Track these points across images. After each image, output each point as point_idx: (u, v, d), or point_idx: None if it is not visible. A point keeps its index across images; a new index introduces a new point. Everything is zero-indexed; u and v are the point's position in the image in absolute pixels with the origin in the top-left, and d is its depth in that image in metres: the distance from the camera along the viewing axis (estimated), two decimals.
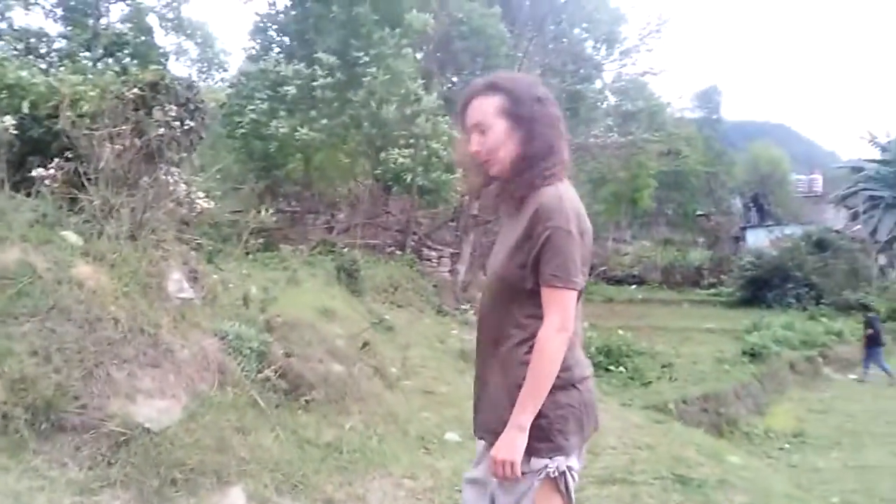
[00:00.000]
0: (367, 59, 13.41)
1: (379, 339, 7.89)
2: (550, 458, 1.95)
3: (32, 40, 22.81)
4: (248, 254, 10.82)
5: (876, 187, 29.51)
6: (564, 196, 2.00)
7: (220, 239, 10.58)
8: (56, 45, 22.96)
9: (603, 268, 27.09)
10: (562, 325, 1.93)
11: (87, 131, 4.04)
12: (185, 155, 4.42)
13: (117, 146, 4.10)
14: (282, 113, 14.04)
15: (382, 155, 14.67)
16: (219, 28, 60.54)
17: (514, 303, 2.03)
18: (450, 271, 18.66)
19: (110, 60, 19.70)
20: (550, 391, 1.93)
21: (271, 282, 6.75)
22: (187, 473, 3.19)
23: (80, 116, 4.25)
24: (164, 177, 4.18)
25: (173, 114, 4.16)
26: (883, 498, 7.88)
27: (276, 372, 4.55)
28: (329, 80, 13.57)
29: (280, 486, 3.64)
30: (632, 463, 4.93)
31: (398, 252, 16.53)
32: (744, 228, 33.53)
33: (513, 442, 1.92)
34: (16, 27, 21.71)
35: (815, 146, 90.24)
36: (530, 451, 1.94)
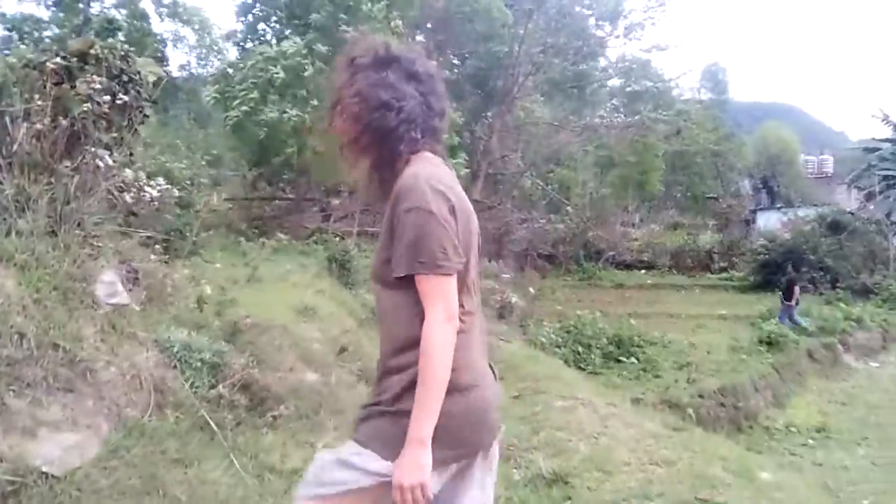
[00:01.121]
0: (357, 34, 12.79)
1: (369, 336, 7.25)
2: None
3: (27, 29, 22.45)
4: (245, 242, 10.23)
5: (891, 167, 28.74)
6: (421, 172, 1.79)
7: (204, 229, 9.94)
8: (47, 33, 22.59)
9: (612, 253, 26.37)
10: (446, 315, 1.71)
11: None
12: (116, 135, 3.76)
13: (37, 125, 3.44)
14: (272, 98, 13.43)
15: None
16: (216, 14, 59.91)
17: (390, 303, 1.83)
18: None
19: None
20: None
21: (231, 280, 6.08)
22: None
23: None
24: (93, 161, 3.52)
25: (99, 86, 3.50)
26: None
27: (234, 386, 3.92)
28: (317, 64, 12.97)
29: None
30: (648, 483, 4.28)
31: None
32: (754, 211, 32.74)
33: (416, 461, 1.66)
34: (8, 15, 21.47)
35: (825, 127, 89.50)
36: (388, 454, 1.71)
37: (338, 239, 11.89)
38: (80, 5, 24.54)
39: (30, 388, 2.81)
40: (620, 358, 12.10)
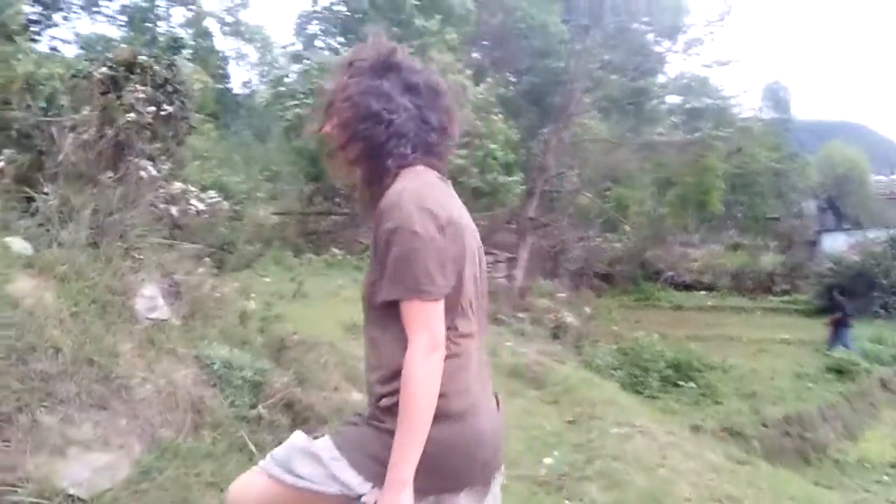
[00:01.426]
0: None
1: None
2: (372, 486, 1.61)
3: (99, 48, 23.42)
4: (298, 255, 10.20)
5: None
6: (408, 187, 1.67)
7: (259, 243, 9.96)
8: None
9: (670, 273, 25.74)
10: (431, 345, 1.59)
11: (45, 118, 3.33)
12: (160, 146, 3.69)
13: (83, 135, 3.39)
14: None
15: None
16: (276, 31, 61.44)
17: (379, 327, 1.71)
18: (506, 277, 17.85)
19: None
20: None
21: (278, 295, 5.98)
22: None
23: (46, 102, 3.56)
24: (136, 172, 3.45)
25: (143, 96, 3.43)
26: None
27: (275, 405, 3.78)
28: None
29: None
30: None
31: None
32: (819, 232, 31.58)
33: (395, 502, 1.55)
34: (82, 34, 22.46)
35: (895, 145, 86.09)
36: (360, 467, 1.63)
37: None
38: (148, 24, 25.47)
39: (62, 404, 2.72)
40: (679, 382, 11.73)
